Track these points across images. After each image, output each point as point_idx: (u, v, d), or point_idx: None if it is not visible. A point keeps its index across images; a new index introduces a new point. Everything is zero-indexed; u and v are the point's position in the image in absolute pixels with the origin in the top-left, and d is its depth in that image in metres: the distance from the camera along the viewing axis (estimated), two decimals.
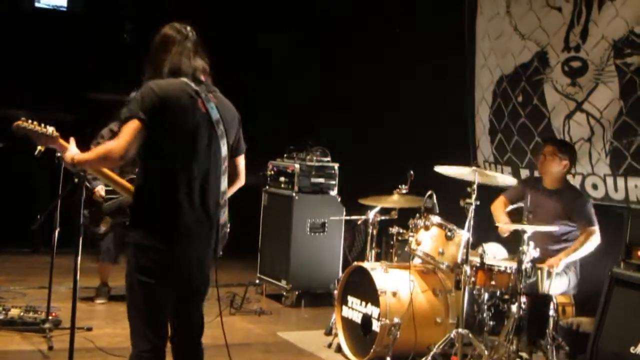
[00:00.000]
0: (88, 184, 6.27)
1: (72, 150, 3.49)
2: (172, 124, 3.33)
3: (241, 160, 3.69)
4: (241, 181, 3.71)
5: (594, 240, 5.47)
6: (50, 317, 5.59)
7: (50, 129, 3.58)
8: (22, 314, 5.69)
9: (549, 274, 5.27)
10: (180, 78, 3.43)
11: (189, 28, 3.57)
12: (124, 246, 6.72)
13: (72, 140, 3.60)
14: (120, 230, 6.61)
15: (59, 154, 4.23)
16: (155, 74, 3.45)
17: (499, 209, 5.87)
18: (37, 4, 9.55)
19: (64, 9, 9.63)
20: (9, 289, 6.92)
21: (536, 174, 6.48)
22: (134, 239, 3.37)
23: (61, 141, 3.59)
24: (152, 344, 3.38)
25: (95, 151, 3.39)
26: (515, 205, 5.91)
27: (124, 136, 3.26)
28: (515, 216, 5.76)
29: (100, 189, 6.25)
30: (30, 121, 3.56)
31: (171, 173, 3.36)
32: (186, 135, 3.37)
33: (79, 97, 9.09)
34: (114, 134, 6.71)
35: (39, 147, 3.60)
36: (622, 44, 5.88)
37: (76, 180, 4.13)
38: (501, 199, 5.94)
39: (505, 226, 5.64)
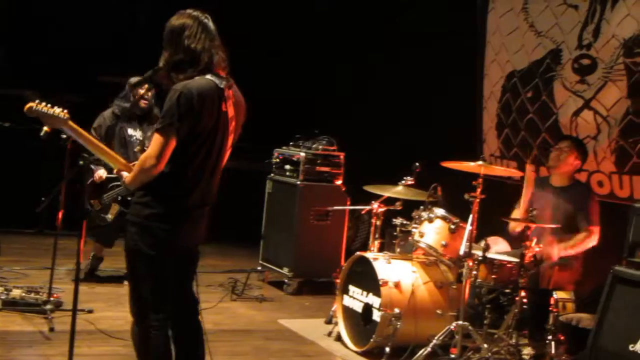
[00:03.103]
0: (92, 166, 6.28)
1: (124, 176, 3.61)
2: (198, 123, 3.44)
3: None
4: None
5: (591, 241, 5.48)
6: (51, 299, 5.60)
7: (62, 112, 3.61)
8: (23, 294, 5.70)
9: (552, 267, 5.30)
10: (207, 75, 3.49)
11: (208, 16, 3.60)
12: (121, 229, 6.83)
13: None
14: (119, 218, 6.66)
15: (64, 136, 4.23)
16: (192, 64, 3.49)
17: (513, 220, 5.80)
18: None
19: None
20: (11, 269, 6.93)
21: (542, 170, 6.46)
22: (141, 217, 3.51)
23: (71, 123, 3.64)
24: (162, 312, 3.54)
25: (135, 170, 3.49)
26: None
27: (156, 147, 3.38)
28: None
29: (102, 173, 6.26)
30: (43, 104, 3.59)
31: (187, 165, 3.49)
32: (207, 133, 3.49)
33: (88, 79, 9.07)
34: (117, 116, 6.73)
35: (45, 129, 3.62)
36: (632, 43, 5.85)
37: (81, 162, 4.14)
38: (515, 212, 5.85)
39: (510, 221, 5.65)
